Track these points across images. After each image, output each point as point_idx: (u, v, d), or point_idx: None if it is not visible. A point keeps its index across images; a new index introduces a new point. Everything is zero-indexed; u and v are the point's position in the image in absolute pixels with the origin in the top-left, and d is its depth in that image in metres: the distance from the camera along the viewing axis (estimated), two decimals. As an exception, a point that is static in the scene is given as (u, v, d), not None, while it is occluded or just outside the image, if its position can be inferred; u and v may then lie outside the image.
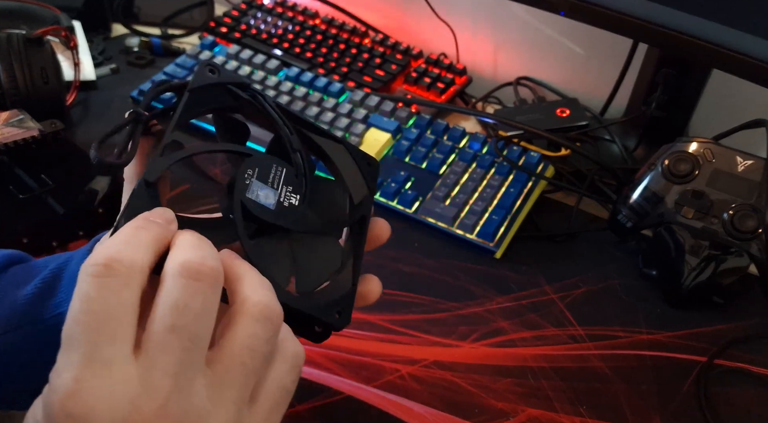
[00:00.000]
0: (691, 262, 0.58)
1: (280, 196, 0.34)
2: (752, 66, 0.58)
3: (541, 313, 0.59)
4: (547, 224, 0.68)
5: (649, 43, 0.71)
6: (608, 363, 0.56)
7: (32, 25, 0.82)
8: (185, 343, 0.25)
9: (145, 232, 0.27)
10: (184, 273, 0.25)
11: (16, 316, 0.37)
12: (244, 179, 0.33)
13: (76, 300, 0.24)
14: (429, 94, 0.83)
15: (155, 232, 0.27)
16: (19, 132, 0.63)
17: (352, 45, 0.89)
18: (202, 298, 0.25)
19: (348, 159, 0.39)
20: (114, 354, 0.24)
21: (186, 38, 0.93)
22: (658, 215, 0.59)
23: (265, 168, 0.34)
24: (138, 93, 0.79)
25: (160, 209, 0.29)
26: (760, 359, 0.56)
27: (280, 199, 0.34)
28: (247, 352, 0.26)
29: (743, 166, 0.58)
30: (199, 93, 0.35)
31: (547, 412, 0.52)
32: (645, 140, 0.77)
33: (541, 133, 0.71)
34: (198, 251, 0.26)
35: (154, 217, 0.28)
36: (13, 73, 0.68)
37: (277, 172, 0.34)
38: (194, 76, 0.35)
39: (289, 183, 0.35)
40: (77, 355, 0.24)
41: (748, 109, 0.70)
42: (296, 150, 0.35)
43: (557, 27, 0.85)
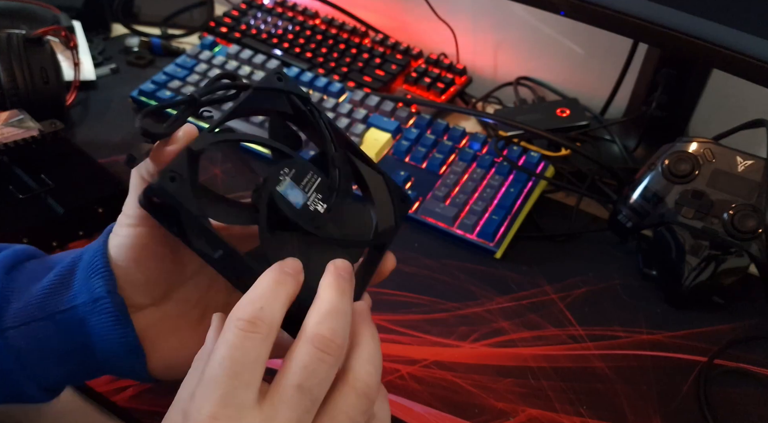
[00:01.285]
0: (691, 262, 0.58)
1: (308, 200, 0.35)
2: (752, 66, 0.58)
3: (542, 313, 0.59)
4: (548, 224, 0.68)
5: (649, 43, 0.71)
6: (608, 363, 0.55)
7: (32, 25, 0.82)
8: (306, 403, 0.29)
9: (283, 288, 0.31)
10: (316, 343, 0.30)
11: (32, 309, 0.38)
12: (279, 175, 0.35)
13: (222, 346, 0.29)
14: (429, 94, 0.83)
15: (291, 290, 0.32)
16: (19, 132, 0.63)
17: (352, 45, 0.89)
18: (327, 367, 0.30)
19: (384, 190, 0.40)
20: (246, 399, 0.29)
21: (186, 38, 0.93)
22: (659, 215, 0.59)
23: (302, 172, 0.36)
24: (138, 93, 0.79)
25: (292, 261, 0.33)
26: (760, 359, 0.56)
27: (308, 202, 0.35)
28: (345, 420, 0.30)
29: (743, 166, 0.58)
30: (261, 94, 0.37)
31: (547, 412, 0.52)
32: (645, 140, 0.77)
33: (542, 133, 0.71)
34: (332, 322, 0.31)
35: (288, 269, 0.32)
36: (13, 73, 0.68)
37: (312, 178, 0.36)
38: (263, 78, 0.37)
39: (320, 191, 0.36)
40: (216, 395, 0.28)
41: (748, 109, 0.70)
42: (336, 166, 0.37)
43: (557, 27, 0.85)
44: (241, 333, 0.29)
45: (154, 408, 0.49)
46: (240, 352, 0.29)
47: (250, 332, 0.29)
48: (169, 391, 0.50)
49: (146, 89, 0.78)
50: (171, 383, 0.50)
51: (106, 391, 0.50)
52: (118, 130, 0.76)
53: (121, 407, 0.49)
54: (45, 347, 0.38)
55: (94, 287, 0.37)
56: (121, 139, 0.75)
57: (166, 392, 0.50)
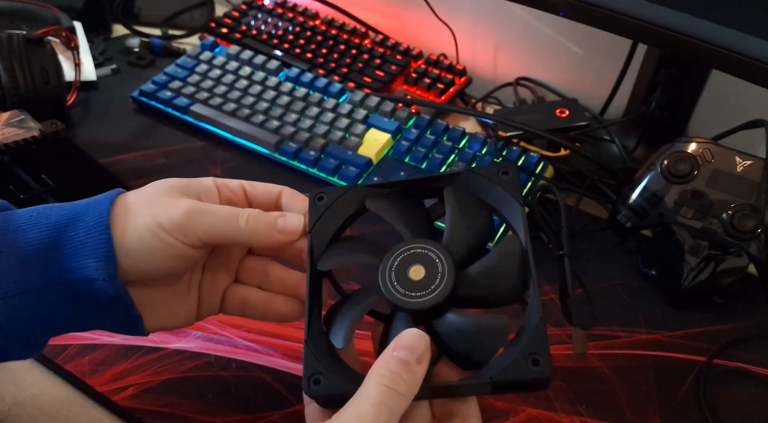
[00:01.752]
0: (690, 262, 0.58)
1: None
2: (752, 66, 0.58)
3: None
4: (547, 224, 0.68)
5: (648, 43, 0.71)
6: (608, 363, 0.56)
7: (33, 26, 0.82)
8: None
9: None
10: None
11: (13, 281, 0.37)
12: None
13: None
14: (429, 94, 0.83)
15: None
16: (19, 132, 0.63)
17: (352, 46, 0.89)
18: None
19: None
20: None
21: (186, 39, 0.93)
22: (658, 215, 0.59)
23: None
24: (138, 93, 0.79)
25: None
26: (760, 359, 0.57)
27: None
28: None
29: (743, 166, 0.58)
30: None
31: (547, 411, 0.52)
32: (644, 140, 0.77)
33: (541, 133, 0.71)
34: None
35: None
36: (14, 74, 0.68)
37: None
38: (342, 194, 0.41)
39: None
40: None
41: (747, 109, 0.70)
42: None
43: (557, 27, 0.85)
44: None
45: (154, 408, 0.49)
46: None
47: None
48: (169, 391, 0.51)
49: (147, 90, 0.78)
50: (171, 383, 0.51)
51: (106, 391, 0.50)
52: (118, 131, 0.76)
53: (121, 407, 0.49)
54: (30, 318, 0.38)
55: (92, 268, 0.37)
56: (121, 140, 0.75)
57: (166, 392, 0.50)
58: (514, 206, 0.39)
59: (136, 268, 0.38)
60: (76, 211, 0.38)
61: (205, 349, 0.54)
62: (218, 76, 0.80)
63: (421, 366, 0.33)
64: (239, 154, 0.74)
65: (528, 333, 0.34)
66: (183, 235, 0.38)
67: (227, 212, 0.39)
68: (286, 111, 0.76)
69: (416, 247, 0.37)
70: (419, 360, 0.33)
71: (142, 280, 0.39)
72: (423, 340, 0.33)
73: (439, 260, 0.37)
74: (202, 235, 0.38)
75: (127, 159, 0.72)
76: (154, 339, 0.54)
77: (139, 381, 0.50)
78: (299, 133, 0.73)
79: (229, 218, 0.39)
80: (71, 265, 0.37)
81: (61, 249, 0.37)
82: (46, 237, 0.37)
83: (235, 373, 0.52)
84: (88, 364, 0.52)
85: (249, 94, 0.78)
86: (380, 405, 0.31)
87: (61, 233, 0.37)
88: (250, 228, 0.39)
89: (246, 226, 0.39)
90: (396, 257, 0.37)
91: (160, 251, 0.38)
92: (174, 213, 0.38)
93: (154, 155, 0.73)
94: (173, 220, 0.37)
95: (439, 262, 0.36)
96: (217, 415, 0.49)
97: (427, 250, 0.37)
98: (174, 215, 0.37)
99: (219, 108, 0.76)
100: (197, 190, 0.41)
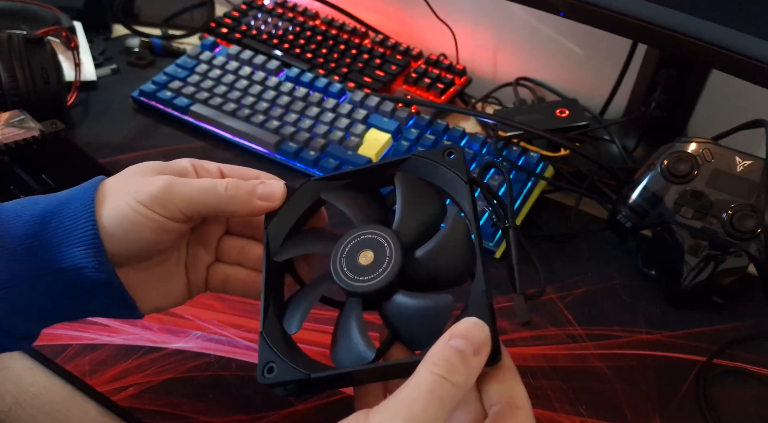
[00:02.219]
0: (690, 262, 0.58)
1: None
2: (752, 66, 0.58)
3: (541, 312, 0.59)
4: (547, 224, 0.69)
5: (648, 43, 0.71)
6: (608, 363, 0.56)
7: (33, 26, 0.82)
8: None
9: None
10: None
11: (5, 272, 0.37)
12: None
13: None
14: (429, 94, 0.83)
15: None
16: (19, 132, 0.63)
17: (352, 46, 0.89)
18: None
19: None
20: None
21: (186, 39, 0.93)
22: (658, 215, 0.59)
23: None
24: (139, 93, 0.79)
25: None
26: (760, 359, 0.57)
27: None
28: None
29: (742, 166, 0.58)
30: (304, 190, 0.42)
31: (547, 411, 0.52)
32: (644, 140, 0.77)
33: (541, 133, 0.71)
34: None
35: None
36: (14, 74, 0.68)
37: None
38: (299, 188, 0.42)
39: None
40: None
41: (747, 109, 0.70)
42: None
43: (557, 27, 0.85)
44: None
45: (154, 408, 0.49)
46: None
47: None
48: (169, 391, 0.51)
49: (147, 90, 0.78)
50: (171, 383, 0.51)
51: (106, 391, 0.50)
52: (118, 131, 0.76)
53: (121, 407, 0.49)
54: (24, 309, 0.38)
55: (79, 256, 0.37)
56: (121, 140, 0.75)
57: (166, 392, 0.50)
58: (460, 184, 0.39)
59: (122, 248, 0.38)
60: (60, 201, 0.38)
61: (205, 349, 0.54)
62: (218, 76, 0.80)
63: (479, 358, 0.31)
64: (239, 154, 0.74)
65: (470, 304, 0.35)
66: (162, 208, 0.38)
67: (206, 182, 0.39)
68: (286, 111, 0.76)
69: (366, 233, 0.38)
70: (477, 351, 0.31)
71: (131, 260, 0.40)
72: (482, 330, 0.32)
73: (387, 244, 0.37)
74: (183, 207, 0.38)
75: (127, 159, 0.72)
76: (154, 339, 0.54)
77: (139, 381, 0.50)
78: (299, 133, 0.73)
79: (209, 187, 0.39)
80: (59, 254, 0.37)
81: (48, 239, 0.37)
82: (32, 227, 0.37)
83: (235, 373, 0.52)
84: (88, 364, 0.52)
85: (249, 94, 0.78)
86: (431, 393, 0.30)
87: (47, 223, 0.37)
88: (230, 194, 0.39)
89: (226, 192, 0.39)
90: (347, 244, 0.38)
91: (143, 226, 0.38)
92: (151, 188, 0.38)
93: (154, 155, 0.73)
94: (151, 194, 0.38)
95: (387, 246, 0.37)
96: (217, 415, 0.49)
97: (377, 235, 0.38)
98: (151, 190, 0.38)
99: (219, 108, 0.76)
100: (174, 169, 0.41)
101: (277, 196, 0.40)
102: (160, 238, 0.39)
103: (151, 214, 0.38)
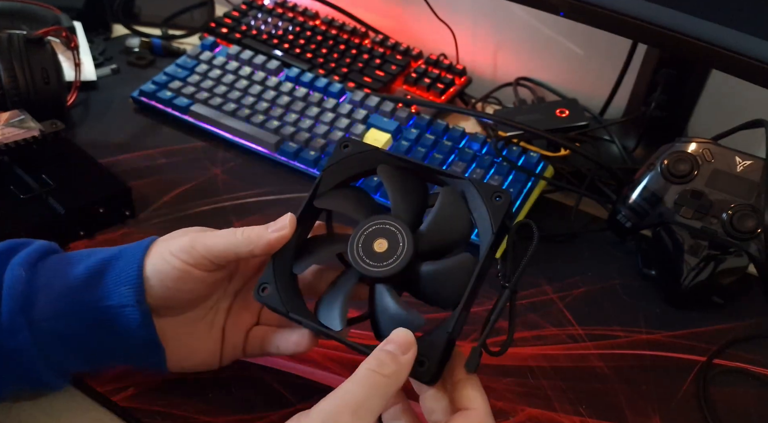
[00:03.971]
0: (690, 261, 0.58)
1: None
2: (752, 66, 0.59)
3: (541, 313, 0.59)
4: (547, 224, 0.69)
5: (648, 43, 0.71)
6: (608, 363, 0.56)
7: (33, 26, 0.82)
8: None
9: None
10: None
11: (61, 304, 0.42)
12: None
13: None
14: (429, 94, 0.83)
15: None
16: (19, 132, 0.63)
17: (352, 46, 0.89)
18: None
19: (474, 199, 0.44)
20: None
21: (186, 39, 0.93)
22: (658, 215, 0.59)
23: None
24: (138, 93, 0.79)
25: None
26: (760, 359, 0.57)
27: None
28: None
29: (742, 166, 0.58)
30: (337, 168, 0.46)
31: (547, 411, 0.52)
32: (644, 140, 0.77)
33: (541, 133, 0.71)
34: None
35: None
36: (14, 74, 0.68)
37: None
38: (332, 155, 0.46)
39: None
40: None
41: (747, 109, 0.70)
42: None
43: (557, 27, 0.85)
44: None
45: (154, 408, 0.49)
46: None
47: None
48: (169, 391, 0.51)
49: (147, 90, 0.78)
50: (171, 383, 0.51)
51: (106, 391, 0.50)
52: (118, 131, 0.76)
53: (121, 407, 0.49)
54: (70, 341, 0.43)
55: (124, 294, 0.42)
56: (121, 140, 0.75)
57: (166, 392, 0.50)
58: (488, 229, 0.42)
59: (158, 294, 0.43)
60: (121, 250, 0.44)
61: (205, 349, 0.54)
62: (218, 76, 0.80)
63: (407, 356, 0.38)
64: (239, 154, 0.74)
65: (433, 332, 0.40)
66: (189, 256, 0.42)
67: (225, 231, 0.44)
68: (286, 111, 0.76)
69: (372, 225, 0.43)
70: (404, 351, 0.38)
71: (167, 309, 0.44)
72: (407, 335, 0.39)
73: (395, 229, 0.42)
74: (205, 253, 0.43)
75: (127, 159, 0.72)
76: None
77: (139, 381, 0.50)
78: (299, 133, 0.73)
79: (227, 234, 0.43)
80: (109, 292, 0.42)
81: (105, 279, 0.43)
82: (93, 268, 0.43)
83: (235, 373, 0.52)
84: (89, 364, 0.52)
85: (249, 94, 0.78)
86: (362, 381, 0.36)
87: (107, 264, 0.43)
88: (245, 237, 0.43)
89: (242, 235, 0.43)
90: (358, 239, 0.42)
91: (171, 276, 0.43)
92: (182, 240, 0.43)
93: (154, 155, 0.73)
94: (180, 245, 0.43)
95: (397, 231, 0.42)
96: (217, 415, 0.49)
97: (382, 225, 0.42)
98: (181, 241, 0.43)
99: (219, 108, 0.76)
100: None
101: (286, 223, 0.43)
102: (188, 287, 0.44)
103: (178, 263, 0.42)
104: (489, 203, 0.42)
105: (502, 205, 0.42)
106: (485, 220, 0.42)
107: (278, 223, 0.44)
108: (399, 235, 0.42)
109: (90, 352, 0.44)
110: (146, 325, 0.43)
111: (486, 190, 0.42)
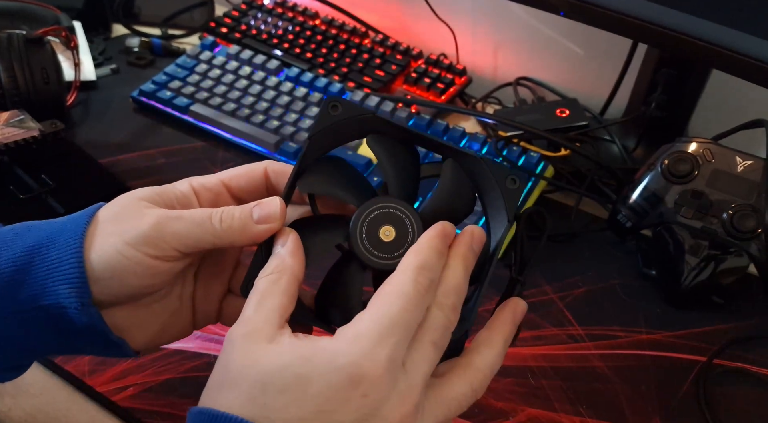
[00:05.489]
0: (690, 261, 0.58)
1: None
2: (752, 66, 0.58)
3: (541, 313, 0.59)
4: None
5: (648, 43, 0.71)
6: (608, 363, 0.56)
7: (33, 26, 0.82)
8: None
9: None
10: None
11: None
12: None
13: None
14: (429, 94, 0.83)
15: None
16: (19, 132, 0.63)
17: (352, 45, 0.89)
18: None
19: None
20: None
21: (186, 38, 0.93)
22: (658, 215, 0.59)
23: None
24: (138, 93, 0.79)
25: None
26: (760, 359, 0.57)
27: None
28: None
29: (743, 166, 0.58)
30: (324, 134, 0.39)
31: (547, 411, 0.52)
32: (644, 140, 0.77)
33: (541, 133, 0.71)
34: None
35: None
36: (14, 73, 0.68)
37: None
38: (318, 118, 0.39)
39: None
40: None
41: (748, 109, 0.70)
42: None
43: (557, 27, 0.85)
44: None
45: (154, 408, 0.49)
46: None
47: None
48: (169, 391, 0.51)
49: (147, 89, 0.78)
50: (171, 383, 0.51)
51: (106, 391, 0.50)
52: (118, 131, 0.76)
53: (121, 407, 0.49)
54: (9, 342, 0.36)
55: (63, 295, 0.34)
56: (121, 140, 0.75)
57: (166, 392, 0.50)
58: (502, 216, 0.39)
59: (110, 291, 0.35)
60: (51, 231, 0.35)
61: (205, 349, 0.54)
62: (218, 75, 0.80)
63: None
64: (239, 154, 0.74)
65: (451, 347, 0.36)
66: (154, 248, 0.34)
67: (199, 215, 0.35)
68: (286, 111, 0.76)
69: (373, 211, 0.38)
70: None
71: (122, 300, 0.36)
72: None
73: (401, 213, 0.38)
74: (177, 245, 0.35)
75: (127, 159, 0.72)
76: (154, 339, 0.54)
77: (139, 381, 0.50)
78: (299, 132, 0.73)
79: (202, 221, 0.35)
80: (43, 290, 0.34)
81: (33, 273, 0.34)
82: (18, 259, 0.35)
83: (235, 373, 0.51)
84: (88, 364, 0.52)
85: (249, 94, 0.78)
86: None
87: (34, 255, 0.35)
88: (225, 227, 0.35)
89: (221, 225, 0.35)
90: (360, 227, 0.37)
91: (131, 272, 0.34)
92: (141, 226, 0.34)
93: (154, 155, 0.73)
94: (141, 233, 0.34)
95: (403, 215, 0.38)
96: (217, 415, 0.49)
97: (387, 209, 0.38)
98: (142, 228, 0.34)
99: (219, 108, 0.76)
100: (170, 197, 0.38)
101: (276, 216, 0.36)
102: (154, 282, 0.36)
103: (141, 257, 0.34)
104: (504, 187, 0.38)
105: (518, 189, 0.38)
106: (494, 205, 0.38)
107: (264, 210, 0.36)
108: (407, 221, 0.37)
109: (34, 349, 0.38)
110: (96, 327, 0.35)
111: (499, 172, 0.38)
